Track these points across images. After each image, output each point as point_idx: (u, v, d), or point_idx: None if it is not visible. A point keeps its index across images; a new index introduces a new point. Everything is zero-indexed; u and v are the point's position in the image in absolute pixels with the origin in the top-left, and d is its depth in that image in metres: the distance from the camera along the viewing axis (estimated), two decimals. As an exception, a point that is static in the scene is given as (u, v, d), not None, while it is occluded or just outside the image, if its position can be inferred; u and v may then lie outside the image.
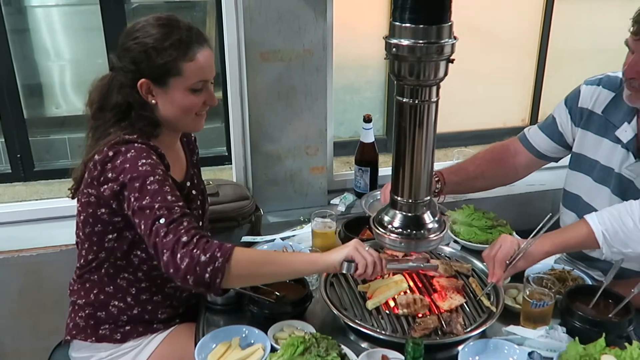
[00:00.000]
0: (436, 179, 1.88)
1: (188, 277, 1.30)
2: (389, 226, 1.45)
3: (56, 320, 1.81)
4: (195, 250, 1.31)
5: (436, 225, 1.45)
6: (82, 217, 1.55)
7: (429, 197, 1.45)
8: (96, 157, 1.45)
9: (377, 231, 1.47)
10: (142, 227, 1.36)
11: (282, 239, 1.94)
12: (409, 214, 1.44)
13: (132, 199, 1.38)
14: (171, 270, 1.32)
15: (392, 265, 1.52)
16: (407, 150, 1.38)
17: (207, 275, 1.30)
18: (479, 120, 4.71)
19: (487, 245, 1.87)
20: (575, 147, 1.88)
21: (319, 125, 2.14)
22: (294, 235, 1.97)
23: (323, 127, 2.15)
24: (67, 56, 4.32)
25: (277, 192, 2.20)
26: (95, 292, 1.61)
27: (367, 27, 4.44)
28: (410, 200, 1.43)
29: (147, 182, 1.38)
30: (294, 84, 2.05)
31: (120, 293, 1.60)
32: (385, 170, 2.38)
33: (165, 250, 1.31)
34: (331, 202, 2.26)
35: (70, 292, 1.68)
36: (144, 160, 1.42)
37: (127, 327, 1.62)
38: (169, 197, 1.38)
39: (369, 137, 2.22)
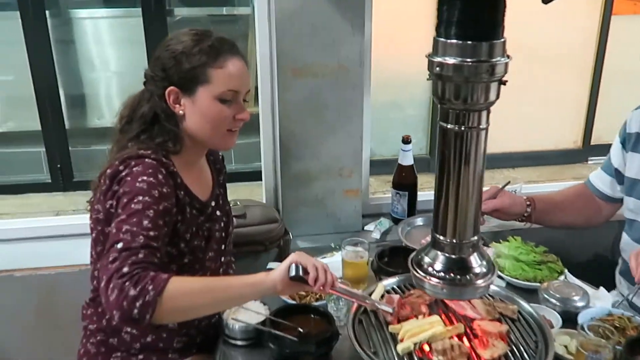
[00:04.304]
0: (527, 203, 1.86)
1: (115, 312, 1.20)
2: (430, 269, 1.28)
3: (71, 342, 1.71)
4: (127, 283, 1.20)
5: (484, 270, 1.28)
6: (93, 235, 1.49)
7: (476, 237, 1.28)
8: (108, 170, 1.40)
9: (416, 274, 1.31)
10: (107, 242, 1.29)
11: (311, 266, 1.81)
12: (453, 256, 1.27)
13: (115, 214, 1.32)
14: (103, 301, 1.22)
15: (343, 287, 1.41)
16: (451, 183, 1.22)
17: (135, 310, 1.19)
18: (528, 141, 4.48)
19: (535, 284, 1.71)
20: (627, 172, 1.82)
21: (354, 146, 2.01)
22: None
23: (358, 147, 2.01)
24: (111, 68, 4.35)
25: (307, 215, 2.07)
26: (107, 317, 1.52)
27: (411, 42, 4.29)
28: (454, 240, 1.26)
29: (134, 201, 1.31)
30: (327, 101, 1.93)
31: None
32: (425, 195, 2.22)
33: (104, 277, 1.22)
34: (365, 227, 2.12)
35: (83, 317, 1.61)
36: (144, 177, 1.35)
37: (140, 356, 1.53)
38: (144, 222, 1.29)
39: (407, 159, 2.07)
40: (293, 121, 1.95)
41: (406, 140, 2.05)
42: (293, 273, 1.31)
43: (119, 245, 1.25)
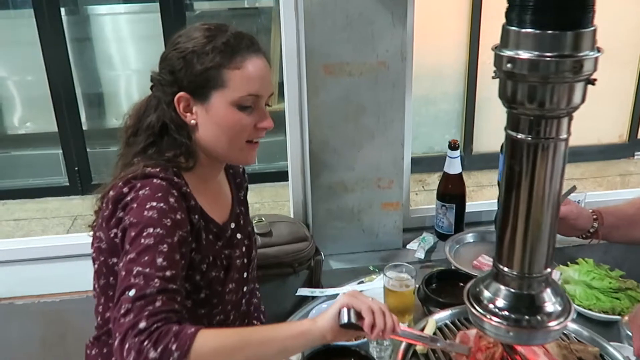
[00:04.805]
0: (594, 217, 1.61)
1: None
2: (490, 305, 1.06)
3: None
4: (145, 343, 0.99)
5: (558, 309, 1.04)
6: (96, 267, 1.28)
7: (549, 270, 1.05)
8: (110, 192, 1.20)
9: (474, 310, 1.08)
10: (115, 290, 1.09)
11: (347, 294, 1.58)
12: (521, 292, 1.04)
13: (123, 251, 1.12)
14: None
15: (408, 331, 1.16)
16: (520, 205, 1.00)
17: None
18: (569, 135, 4.19)
19: (614, 317, 1.45)
20: None
21: (394, 153, 1.76)
22: (361, 291, 1.60)
23: (399, 154, 1.77)
24: (129, 65, 4.20)
25: (341, 232, 1.84)
26: (114, 359, 1.30)
27: (445, 33, 4.05)
28: (522, 273, 1.03)
29: (144, 234, 1.10)
30: (364, 102, 1.69)
31: None
32: (472, 205, 1.97)
33: (117, 334, 1.02)
34: (407, 246, 1.87)
35: (86, 357, 1.40)
36: (154, 203, 1.14)
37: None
38: (158, 261, 1.08)
39: (455, 167, 1.82)
40: (324, 126, 1.71)
41: (453, 146, 1.80)
42: (345, 320, 1.08)
43: (131, 293, 1.04)
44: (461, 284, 1.54)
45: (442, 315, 1.40)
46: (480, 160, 4.12)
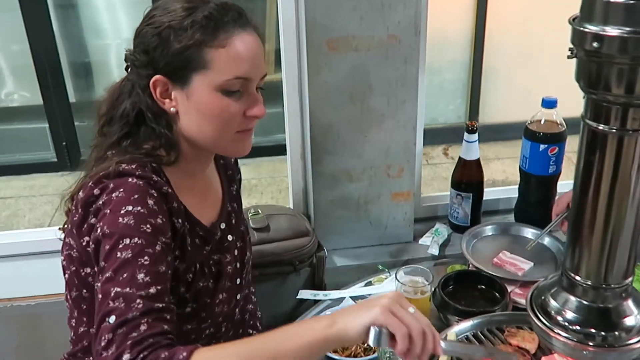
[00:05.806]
0: None
1: None
2: (559, 318, 0.94)
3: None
4: None
5: None
6: (67, 276, 1.14)
7: (630, 279, 0.93)
8: (80, 194, 1.04)
9: (539, 324, 0.96)
10: (95, 314, 0.94)
11: (353, 298, 1.43)
12: (595, 305, 0.93)
13: (98, 268, 0.97)
14: None
15: (450, 345, 0.98)
16: (599, 205, 0.88)
17: None
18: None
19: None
20: None
21: (405, 138, 1.58)
22: (369, 295, 1.44)
23: (411, 139, 1.59)
24: (118, 34, 3.99)
25: (346, 224, 1.67)
26: None
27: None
28: (598, 284, 0.92)
29: (120, 246, 0.95)
30: (372, 81, 1.50)
31: None
32: (489, 192, 1.80)
33: None
34: (420, 241, 1.70)
35: (60, 378, 1.25)
36: (130, 208, 0.98)
37: None
38: (139, 277, 0.92)
39: (472, 153, 1.64)
40: (327, 108, 1.53)
41: (471, 129, 1.61)
42: (373, 343, 0.89)
43: (112, 320, 0.89)
44: (482, 287, 1.39)
45: (463, 327, 1.24)
46: (487, 132, 3.95)
